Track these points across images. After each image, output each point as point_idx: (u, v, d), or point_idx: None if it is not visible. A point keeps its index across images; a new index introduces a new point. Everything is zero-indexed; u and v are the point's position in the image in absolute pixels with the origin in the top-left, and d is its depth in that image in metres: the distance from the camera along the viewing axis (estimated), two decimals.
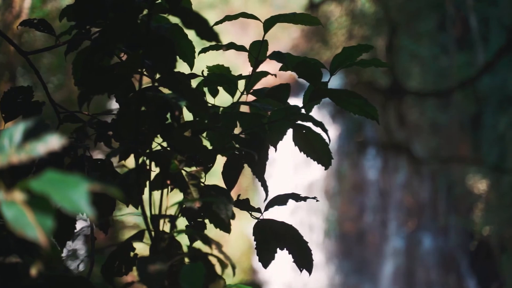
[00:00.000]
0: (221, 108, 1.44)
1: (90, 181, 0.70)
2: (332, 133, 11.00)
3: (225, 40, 1.49)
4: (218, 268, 1.15)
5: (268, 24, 1.36)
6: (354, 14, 8.98)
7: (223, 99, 1.49)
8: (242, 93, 1.40)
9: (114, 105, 1.33)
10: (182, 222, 1.39)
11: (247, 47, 1.42)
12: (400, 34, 9.87)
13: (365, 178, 11.15)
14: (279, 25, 1.44)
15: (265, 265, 1.37)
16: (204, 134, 1.43)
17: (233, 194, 1.39)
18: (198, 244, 1.24)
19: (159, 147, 1.33)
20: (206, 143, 1.43)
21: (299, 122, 1.40)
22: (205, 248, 1.19)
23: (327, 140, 1.38)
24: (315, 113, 1.44)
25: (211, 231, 1.37)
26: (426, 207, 10.87)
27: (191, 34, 1.26)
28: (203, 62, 1.52)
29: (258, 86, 1.47)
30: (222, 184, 1.39)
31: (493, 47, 9.44)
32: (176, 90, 1.15)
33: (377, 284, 10.91)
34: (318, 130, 1.37)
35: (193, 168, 1.25)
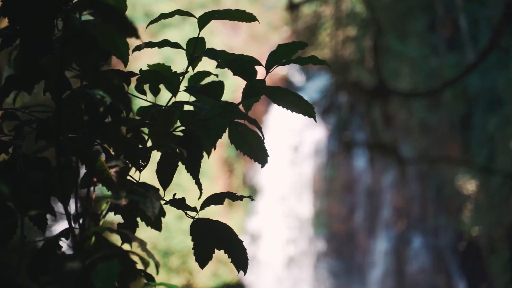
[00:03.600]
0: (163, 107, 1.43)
1: None
2: (321, 133, 11.00)
3: (215, 41, 1.48)
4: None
5: (203, 21, 1.35)
6: (341, 14, 8.99)
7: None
8: (177, 91, 1.38)
9: None
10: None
11: (238, 47, 1.41)
12: (390, 34, 9.87)
13: (354, 178, 11.16)
14: (270, 25, 1.44)
15: (202, 265, 1.35)
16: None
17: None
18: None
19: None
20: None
21: (236, 120, 1.39)
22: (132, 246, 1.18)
23: (262, 138, 1.37)
24: None
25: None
26: (415, 207, 10.87)
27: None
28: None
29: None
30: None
31: (482, 48, 9.44)
32: (100, 87, 1.14)
33: (367, 284, 10.91)
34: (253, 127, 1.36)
35: (122, 165, 1.24)
